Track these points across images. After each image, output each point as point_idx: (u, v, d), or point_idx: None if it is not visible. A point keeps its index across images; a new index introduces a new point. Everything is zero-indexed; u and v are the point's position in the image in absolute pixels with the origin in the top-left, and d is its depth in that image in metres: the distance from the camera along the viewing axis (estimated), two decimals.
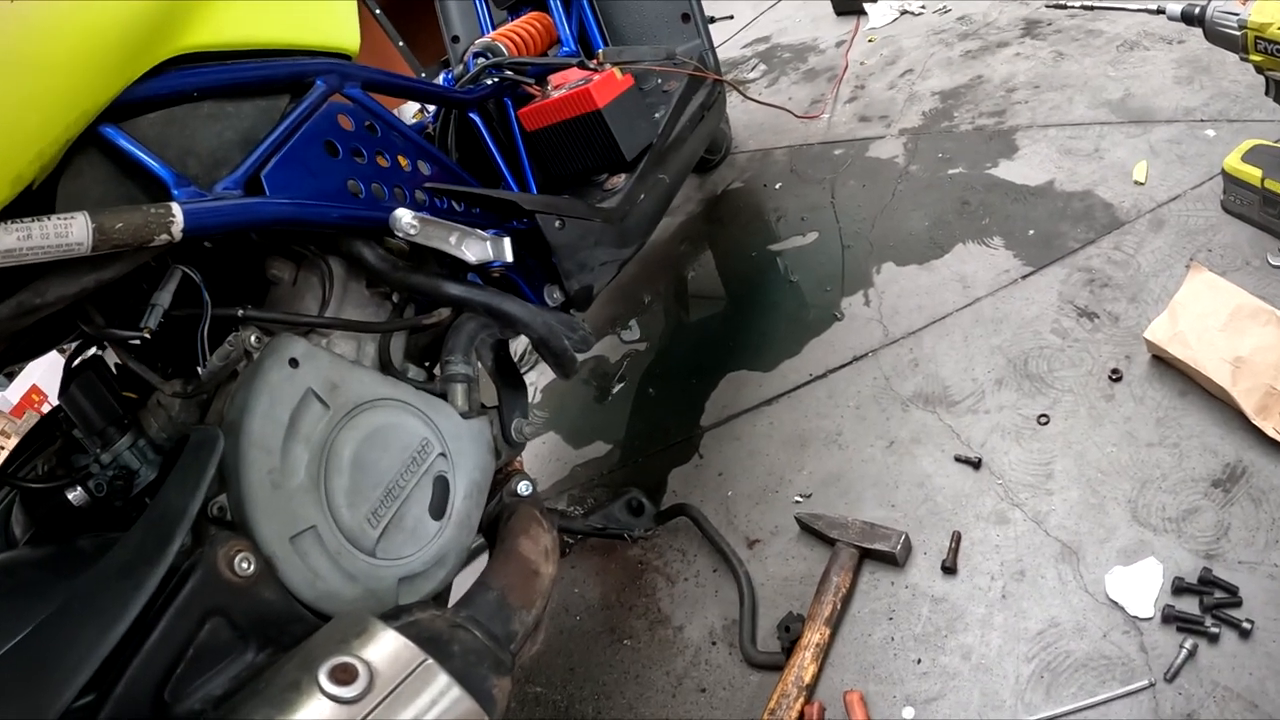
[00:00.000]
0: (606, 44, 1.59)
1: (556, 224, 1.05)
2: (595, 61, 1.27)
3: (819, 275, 1.57)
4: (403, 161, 0.97)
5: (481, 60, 1.27)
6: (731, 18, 3.20)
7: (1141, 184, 1.40)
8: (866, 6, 2.55)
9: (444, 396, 0.91)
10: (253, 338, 0.78)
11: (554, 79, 1.25)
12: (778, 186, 1.90)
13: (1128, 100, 1.62)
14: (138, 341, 0.72)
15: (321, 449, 0.77)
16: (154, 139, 0.73)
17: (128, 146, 0.71)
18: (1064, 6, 1.74)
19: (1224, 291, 1.06)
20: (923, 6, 2.43)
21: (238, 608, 0.67)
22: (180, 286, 0.76)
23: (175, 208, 0.68)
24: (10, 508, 0.86)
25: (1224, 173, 1.24)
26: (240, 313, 0.78)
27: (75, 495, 0.80)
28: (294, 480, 0.75)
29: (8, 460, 0.89)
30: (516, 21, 1.49)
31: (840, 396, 1.32)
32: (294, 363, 0.77)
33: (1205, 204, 1.31)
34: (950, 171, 1.64)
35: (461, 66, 1.32)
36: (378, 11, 2.00)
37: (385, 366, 0.92)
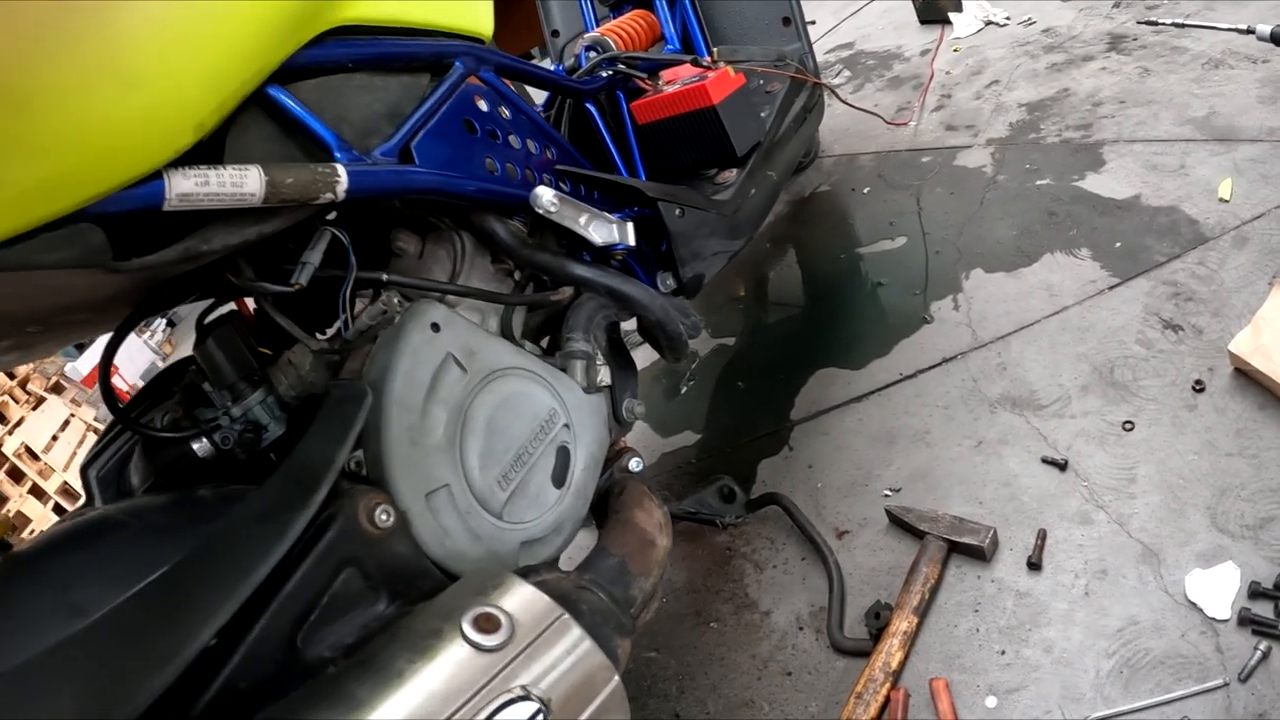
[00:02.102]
0: (708, 44, 1.68)
1: (676, 211, 1.14)
2: (708, 60, 1.36)
3: (907, 279, 1.67)
4: (530, 145, 1.05)
5: (594, 54, 1.37)
6: (813, 22, 3.29)
7: (1226, 201, 1.47)
8: (951, 16, 2.63)
9: (564, 371, 0.98)
10: (396, 300, 0.83)
11: (665, 75, 1.33)
12: (865, 191, 2.00)
13: (1212, 118, 1.68)
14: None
15: (459, 411, 0.83)
16: (314, 103, 0.77)
17: (293, 106, 0.75)
18: (1154, 24, 1.81)
19: None
20: (1007, 18, 2.50)
21: (372, 559, 0.70)
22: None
23: (340, 168, 0.74)
24: (128, 456, 0.91)
25: None
26: (385, 277, 0.85)
27: (200, 446, 0.83)
28: (431, 439, 0.80)
29: (128, 407, 0.92)
30: (622, 18, 1.60)
31: (928, 396, 1.43)
32: (435, 327, 0.82)
33: None
34: (1038, 182, 1.73)
35: (573, 59, 1.42)
36: None
37: (508, 332, 0.99)
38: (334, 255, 0.82)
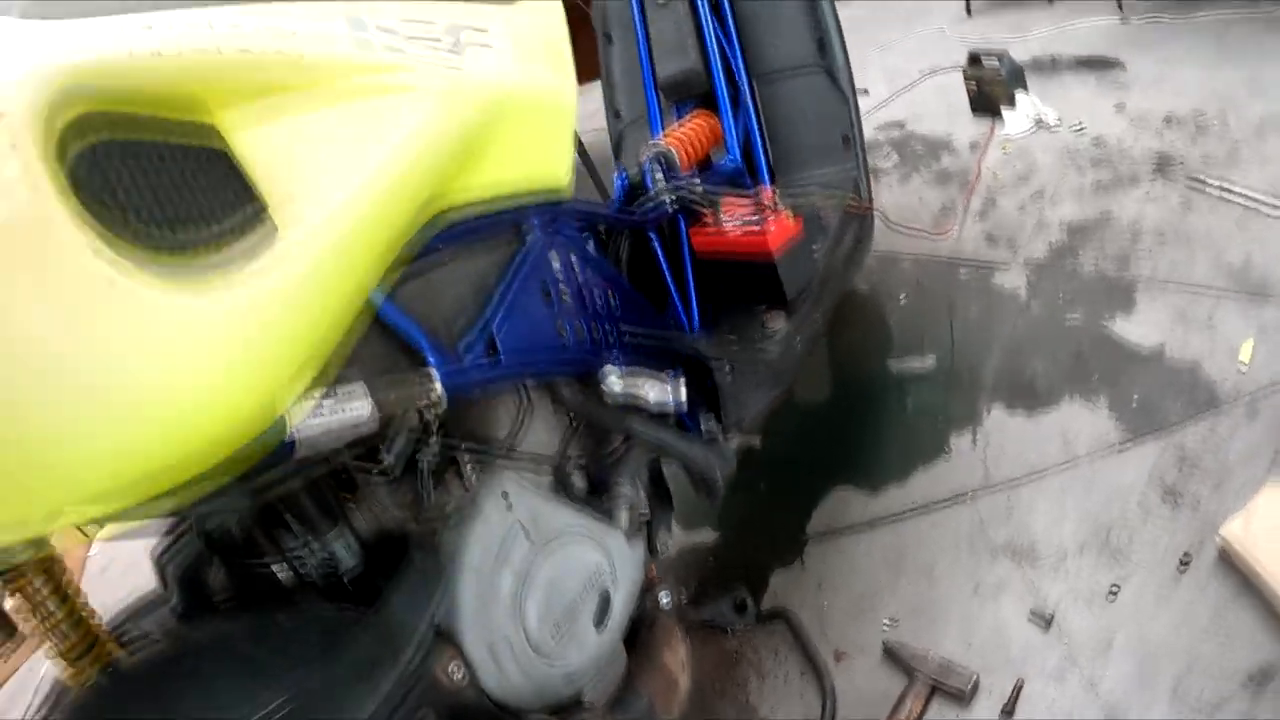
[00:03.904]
0: (768, 158, 1.82)
1: (727, 369, 1.29)
2: (769, 197, 1.48)
3: (932, 404, 1.80)
4: (597, 296, 1.16)
5: (659, 170, 1.48)
6: (866, 92, 3.42)
7: (1245, 365, 1.59)
8: (1004, 111, 2.75)
9: (609, 513, 1.13)
10: (470, 469, 0.95)
11: (725, 204, 1.45)
12: (902, 299, 2.14)
13: (1248, 268, 1.78)
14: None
15: (523, 574, 0.96)
16: (408, 304, 0.84)
17: (392, 314, 0.82)
18: (1202, 184, 1.92)
19: None
20: (1059, 120, 2.60)
21: (444, 704, 0.85)
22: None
23: (435, 377, 0.84)
24: (203, 555, 1.00)
25: None
26: (464, 445, 0.97)
27: (281, 572, 0.94)
28: (498, 599, 0.93)
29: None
30: (686, 124, 1.73)
31: (938, 531, 1.57)
32: (505, 496, 0.96)
33: None
34: (1068, 317, 1.85)
35: (637, 169, 1.53)
36: None
37: (561, 478, 1.14)
38: None
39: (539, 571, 1.00)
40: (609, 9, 2.06)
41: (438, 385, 0.84)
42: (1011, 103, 2.73)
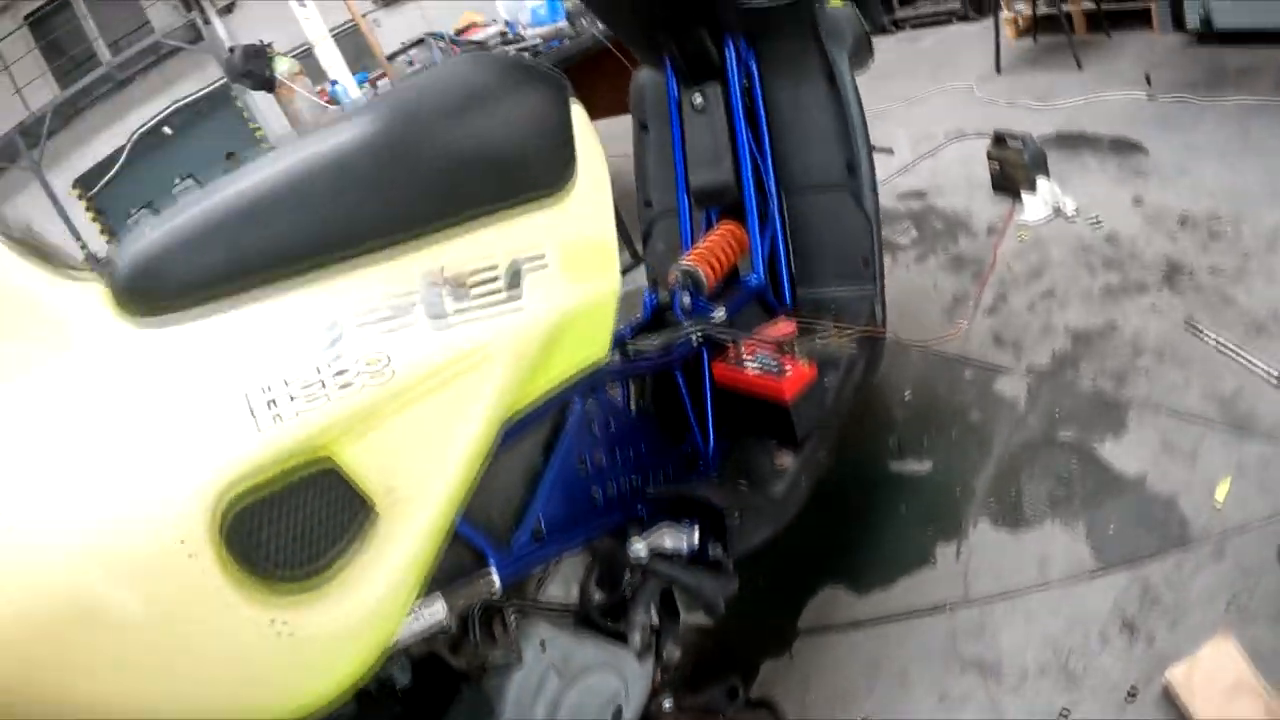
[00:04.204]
0: (792, 279, 1.96)
1: (737, 514, 1.40)
2: (788, 331, 1.64)
3: (923, 512, 1.94)
4: (628, 450, 1.29)
5: (686, 301, 1.64)
6: (891, 152, 3.53)
7: (1219, 504, 1.71)
8: (1024, 194, 2.85)
9: (624, 635, 1.25)
10: (512, 620, 1.07)
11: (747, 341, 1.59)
12: (906, 396, 2.28)
13: (1238, 398, 1.90)
14: None
15: (554, 704, 1.09)
16: (471, 508, 0.92)
17: (460, 526, 0.91)
18: (1199, 332, 2.02)
19: (1236, 662, 1.40)
20: (1076, 211, 2.71)
21: None
22: None
23: (495, 575, 0.99)
24: None
25: None
26: (511, 601, 1.11)
27: None
28: None
29: None
30: (713, 236, 1.84)
31: (915, 639, 1.71)
32: (542, 644, 1.10)
33: (1266, 544, 1.60)
34: (1061, 434, 1.98)
35: (667, 293, 1.67)
36: None
37: (584, 613, 1.30)
38: None
39: (566, 700, 1.14)
40: (646, 97, 2.18)
41: (496, 580, 1.00)
42: (1032, 187, 2.84)
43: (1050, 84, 3.85)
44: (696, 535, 1.35)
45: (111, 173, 12.65)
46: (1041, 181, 2.83)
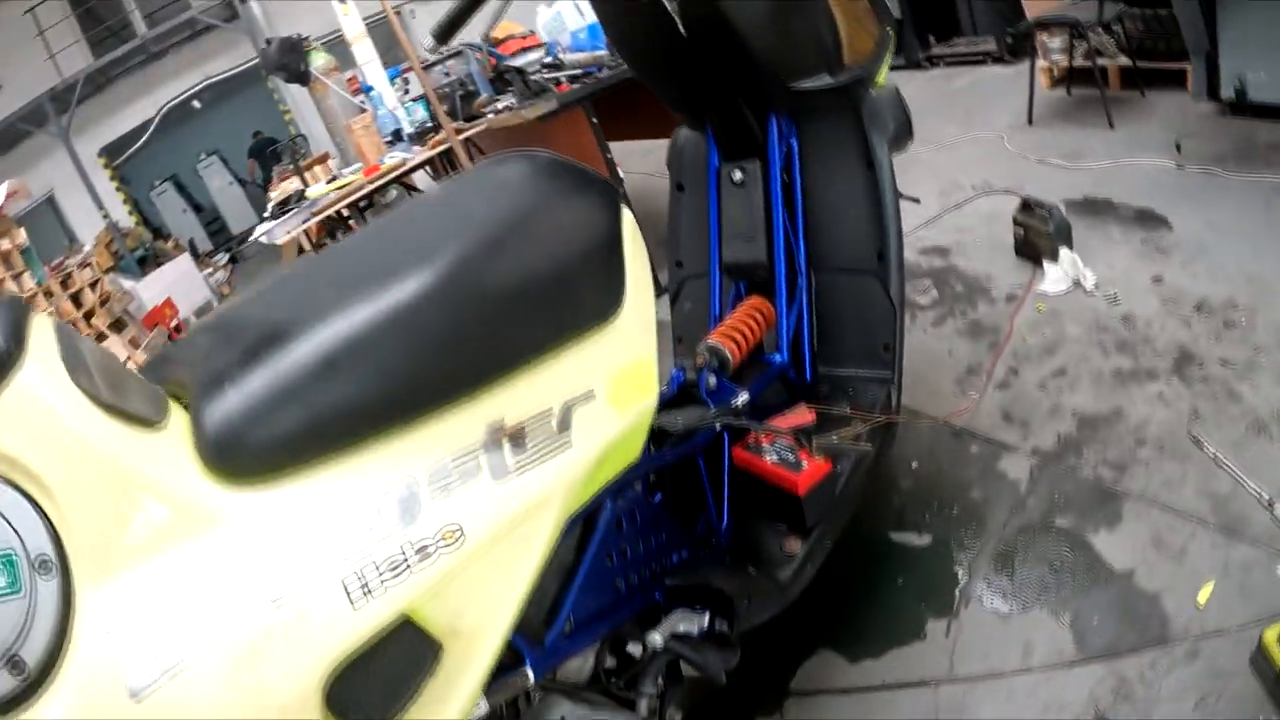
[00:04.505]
0: (814, 359, 2.04)
1: (745, 601, 1.52)
2: (807, 419, 1.74)
3: (919, 585, 2.05)
4: (649, 540, 1.37)
5: (712, 381, 1.71)
6: (918, 201, 3.60)
7: (1200, 606, 1.81)
8: (1046, 263, 2.94)
9: (632, 702, 1.34)
10: (536, 698, 1.14)
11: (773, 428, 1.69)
12: (914, 466, 2.39)
13: (1232, 498, 1.99)
14: None
15: None
16: None
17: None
18: (1200, 443, 2.11)
19: None
20: (1095, 287, 2.79)
21: None
22: None
23: (530, 673, 1.06)
24: None
25: (1260, 639, 1.65)
26: (531, 674, 1.15)
27: None
28: None
29: None
30: (740, 315, 1.92)
31: (897, 711, 1.81)
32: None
33: (1240, 650, 1.68)
34: (1058, 521, 2.07)
35: (694, 373, 1.75)
36: None
37: (596, 672, 1.41)
38: None
39: None
40: (684, 159, 2.26)
41: (532, 677, 1.07)
42: (1054, 257, 2.92)
43: (1081, 141, 3.92)
44: (706, 620, 1.46)
45: (139, 144, 12.85)
46: (1064, 252, 2.91)
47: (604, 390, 1.05)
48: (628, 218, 1.20)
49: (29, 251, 6.60)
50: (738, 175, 2.02)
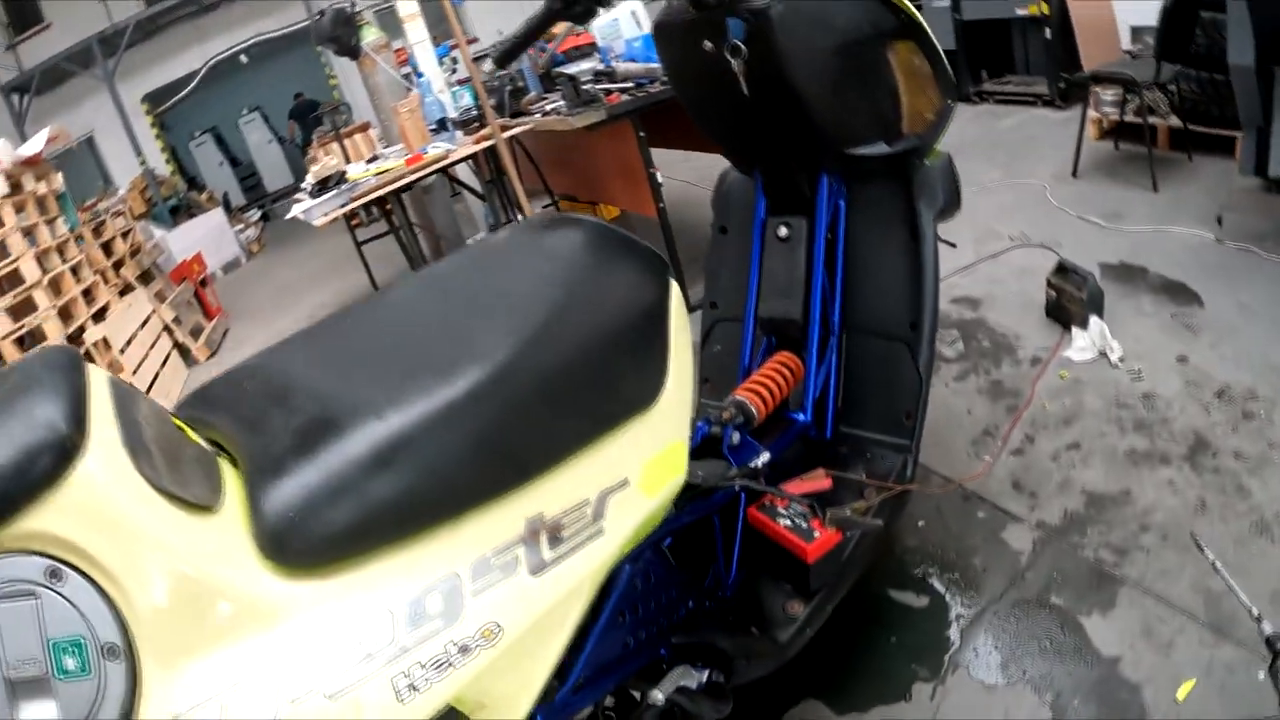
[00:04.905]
0: (838, 417, 2.11)
1: (744, 661, 1.60)
2: (823, 485, 1.83)
3: (912, 647, 2.14)
4: (661, 598, 1.42)
5: (736, 439, 1.81)
6: (954, 245, 3.66)
7: (1178, 703, 1.89)
8: (1074, 329, 3.00)
9: None
10: None
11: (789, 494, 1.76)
12: (920, 524, 2.47)
13: (1223, 598, 2.06)
14: None
15: None
16: None
17: None
18: (1200, 549, 2.17)
19: None
20: (1121, 360, 2.85)
21: None
22: None
23: None
24: None
25: None
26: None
27: None
28: None
29: None
30: (769, 370, 1.99)
31: None
32: None
33: None
34: (1053, 599, 2.15)
35: (719, 427, 1.82)
36: None
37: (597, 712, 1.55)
38: None
39: None
40: (731, 203, 2.32)
41: None
42: (1084, 325, 2.98)
43: (1123, 201, 3.95)
44: (705, 677, 1.57)
45: (183, 93, 13.04)
46: (1094, 321, 2.97)
47: (637, 477, 1.10)
48: (675, 294, 1.25)
49: (64, 196, 6.75)
50: (784, 231, 2.09)
